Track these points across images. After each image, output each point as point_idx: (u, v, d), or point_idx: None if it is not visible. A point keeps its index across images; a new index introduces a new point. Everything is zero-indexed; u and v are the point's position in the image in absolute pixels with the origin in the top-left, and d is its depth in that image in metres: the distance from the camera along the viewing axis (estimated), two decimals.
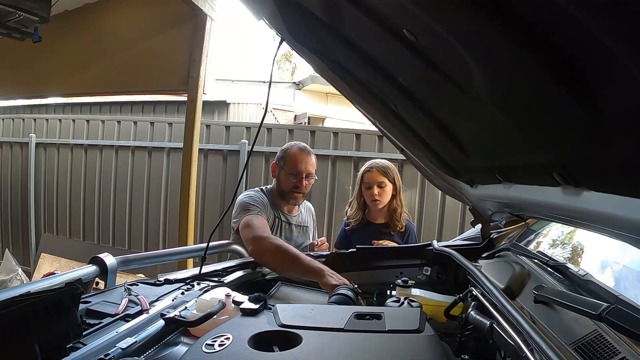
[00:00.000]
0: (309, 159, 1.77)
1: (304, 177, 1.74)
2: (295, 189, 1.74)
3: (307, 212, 1.93)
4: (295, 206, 1.83)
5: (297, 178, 1.73)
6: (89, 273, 1.27)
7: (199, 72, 2.92)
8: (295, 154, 1.76)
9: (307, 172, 1.75)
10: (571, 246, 1.12)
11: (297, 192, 1.75)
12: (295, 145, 1.81)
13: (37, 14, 2.16)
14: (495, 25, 0.52)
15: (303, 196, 1.80)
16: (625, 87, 0.45)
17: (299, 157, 1.76)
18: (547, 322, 0.76)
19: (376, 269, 1.42)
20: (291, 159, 1.75)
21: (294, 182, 1.73)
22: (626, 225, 0.63)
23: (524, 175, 0.88)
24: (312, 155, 1.81)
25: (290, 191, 1.75)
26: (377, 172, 1.89)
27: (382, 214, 1.94)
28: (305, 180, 1.75)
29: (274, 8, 0.99)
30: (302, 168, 1.74)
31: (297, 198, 1.77)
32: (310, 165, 1.77)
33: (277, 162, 1.80)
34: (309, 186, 1.78)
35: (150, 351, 0.83)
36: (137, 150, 4.35)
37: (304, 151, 1.79)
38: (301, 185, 1.73)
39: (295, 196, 1.76)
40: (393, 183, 1.90)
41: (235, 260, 1.48)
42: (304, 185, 1.75)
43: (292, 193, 1.75)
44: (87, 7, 3.21)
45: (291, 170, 1.74)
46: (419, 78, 0.86)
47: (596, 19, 0.39)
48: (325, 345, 0.74)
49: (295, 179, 1.73)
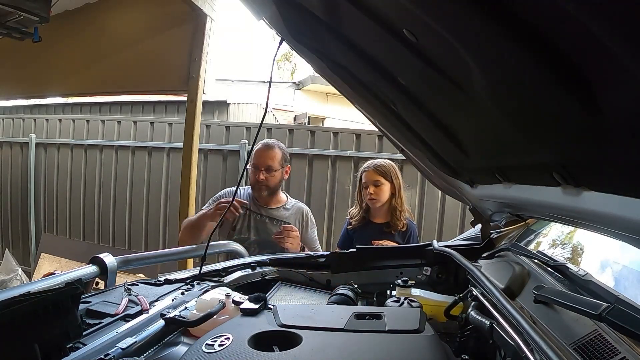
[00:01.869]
0: (268, 153, 1.84)
1: (263, 170, 1.82)
2: (256, 182, 1.84)
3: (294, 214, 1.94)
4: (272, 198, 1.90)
5: (257, 171, 1.82)
6: (89, 273, 1.27)
7: (199, 72, 2.91)
8: (257, 149, 1.86)
9: (264, 165, 1.82)
10: (571, 246, 1.12)
11: (258, 184, 1.84)
12: (262, 142, 1.90)
13: (37, 14, 2.16)
14: (495, 25, 0.52)
15: (266, 188, 1.86)
16: (625, 87, 0.45)
17: (259, 152, 1.85)
18: (547, 322, 0.76)
19: (376, 269, 1.42)
20: (254, 154, 1.85)
21: (255, 176, 1.83)
22: (626, 225, 0.63)
23: (524, 175, 0.88)
24: (276, 149, 1.87)
25: (253, 185, 1.87)
26: (373, 172, 1.90)
27: (383, 214, 1.94)
28: (264, 173, 1.82)
29: (274, 8, 0.99)
30: (260, 162, 1.83)
31: (260, 190, 1.85)
32: (269, 159, 1.83)
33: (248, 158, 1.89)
34: (272, 179, 1.84)
35: (150, 351, 0.83)
36: (137, 150, 4.35)
37: (266, 145, 1.87)
38: (258, 177, 1.81)
39: (258, 188, 1.85)
40: (391, 182, 1.90)
41: (235, 260, 1.48)
42: (262, 178, 1.82)
43: (255, 185, 1.86)
44: (87, 7, 3.21)
45: (253, 165, 1.85)
46: (419, 78, 0.86)
47: (596, 19, 0.39)
48: (325, 345, 0.74)
49: (256, 171, 1.83)
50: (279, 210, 1.91)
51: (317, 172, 3.85)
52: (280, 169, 1.88)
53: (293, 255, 1.50)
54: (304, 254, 1.51)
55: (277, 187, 1.91)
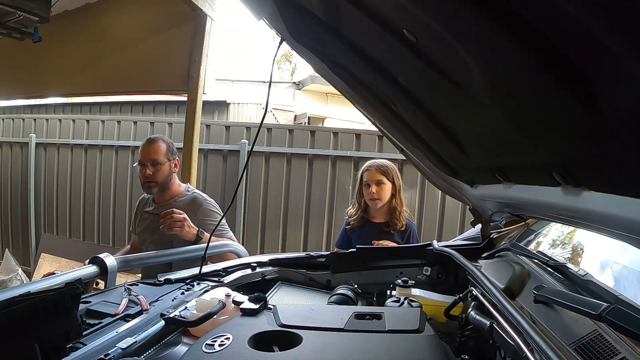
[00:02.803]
0: (152, 147, 1.78)
1: (148, 165, 1.76)
2: (145, 179, 1.78)
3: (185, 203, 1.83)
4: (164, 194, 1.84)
5: (143, 167, 1.76)
6: (89, 273, 1.27)
7: (199, 72, 2.91)
8: (141, 146, 1.81)
9: (149, 159, 1.77)
10: (571, 246, 1.12)
11: (147, 181, 1.78)
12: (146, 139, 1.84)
13: (37, 14, 2.16)
14: (495, 25, 0.52)
15: (156, 184, 1.79)
16: (625, 87, 0.45)
17: (142, 147, 1.79)
18: (547, 322, 0.76)
19: (376, 269, 1.42)
20: (139, 151, 1.80)
21: (142, 172, 1.77)
22: (626, 225, 0.63)
23: (524, 175, 0.88)
24: (160, 142, 1.81)
25: (143, 182, 1.79)
26: (375, 171, 1.90)
27: (382, 213, 1.94)
28: (151, 168, 1.76)
29: (274, 8, 0.99)
30: (144, 157, 1.77)
31: (150, 187, 1.79)
32: (153, 153, 1.77)
33: None
34: (159, 174, 1.78)
35: (150, 351, 0.83)
36: (137, 150, 4.34)
37: (149, 140, 1.81)
38: (145, 173, 1.76)
39: (147, 185, 1.79)
40: (392, 182, 1.90)
41: (235, 260, 1.48)
42: (150, 174, 1.76)
43: (145, 183, 1.79)
44: (87, 7, 3.21)
45: (139, 161, 1.79)
46: (419, 78, 0.86)
47: (596, 19, 0.39)
48: (325, 345, 0.74)
49: (142, 168, 1.77)
50: (170, 204, 1.81)
51: (317, 172, 3.85)
52: (167, 162, 1.81)
53: (293, 255, 1.50)
54: (304, 254, 1.51)
55: (166, 181, 1.82)
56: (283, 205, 3.92)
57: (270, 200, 3.95)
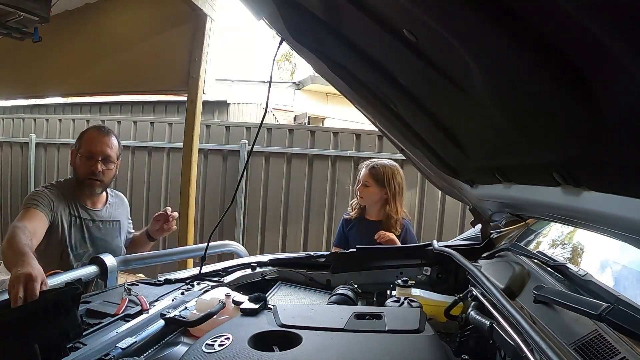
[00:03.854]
0: (107, 140, 1.54)
1: (100, 160, 1.51)
2: (91, 174, 1.51)
3: (118, 205, 1.69)
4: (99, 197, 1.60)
5: (92, 160, 1.50)
6: (89, 273, 1.27)
7: (199, 72, 2.91)
8: (90, 133, 1.55)
9: (103, 153, 1.51)
10: (571, 246, 1.12)
11: (93, 178, 1.51)
12: (93, 127, 1.61)
13: (37, 14, 2.16)
14: (495, 25, 0.52)
15: (101, 184, 1.55)
16: (625, 87, 0.45)
17: (94, 137, 1.53)
18: (547, 322, 0.76)
19: (376, 269, 1.42)
20: (86, 140, 1.53)
21: (89, 166, 1.50)
22: (626, 225, 0.63)
23: (524, 175, 0.88)
24: (113, 137, 1.57)
25: (85, 178, 1.52)
26: (367, 172, 1.90)
27: (375, 212, 1.95)
28: (101, 165, 1.51)
29: (274, 8, 0.99)
30: (97, 149, 1.51)
31: (93, 186, 1.53)
32: (108, 147, 1.53)
33: (74, 147, 1.58)
34: (108, 173, 1.55)
35: (150, 351, 0.83)
36: (137, 150, 4.35)
37: (101, 131, 1.57)
38: (96, 169, 1.50)
39: (90, 183, 1.52)
40: (383, 187, 1.88)
41: (235, 260, 1.48)
42: (100, 170, 1.51)
43: (87, 180, 1.52)
44: (87, 7, 3.20)
45: (85, 152, 1.52)
46: (419, 78, 0.86)
47: (596, 19, 0.39)
48: (325, 345, 0.74)
49: (90, 161, 1.51)
50: (107, 209, 1.63)
51: (317, 172, 3.85)
52: (117, 163, 1.58)
53: (293, 255, 1.50)
54: (304, 254, 1.51)
55: (109, 184, 1.62)
56: (283, 205, 3.92)
57: (270, 200, 3.95)
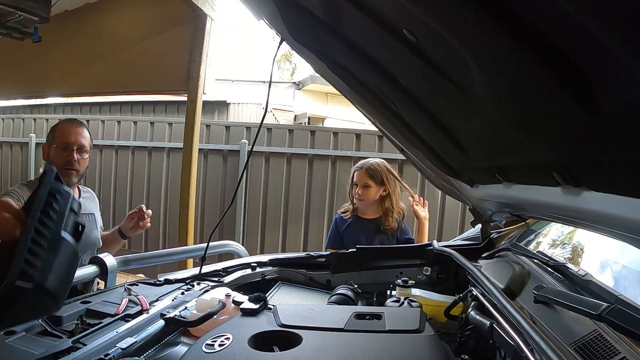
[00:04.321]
0: (80, 131, 1.62)
1: (75, 149, 1.57)
2: (67, 164, 1.56)
3: (90, 199, 1.78)
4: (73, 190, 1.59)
5: (67, 151, 1.56)
6: (89, 273, 1.27)
7: (199, 72, 2.91)
8: (63, 126, 1.62)
9: (78, 144, 1.58)
10: (571, 246, 1.12)
11: (69, 168, 1.56)
12: (65, 120, 1.67)
13: (37, 14, 2.16)
14: (495, 25, 0.51)
15: (77, 174, 1.60)
16: (625, 87, 0.45)
17: (68, 128, 1.60)
18: (547, 322, 0.76)
19: (376, 269, 1.42)
20: (60, 132, 1.60)
21: (65, 157, 1.56)
22: (626, 225, 0.63)
23: (524, 175, 0.88)
24: (85, 129, 1.65)
25: (62, 169, 1.54)
26: (364, 173, 1.90)
27: (372, 210, 1.95)
28: (76, 154, 1.57)
29: (274, 8, 0.99)
30: (72, 139, 1.58)
31: (70, 175, 1.57)
32: (82, 137, 1.60)
33: (46, 141, 1.64)
34: (83, 163, 1.61)
35: (150, 351, 0.83)
36: (137, 150, 4.35)
37: (74, 123, 1.64)
38: (72, 159, 1.56)
39: (67, 173, 1.56)
40: (382, 184, 1.90)
41: (235, 260, 1.48)
42: (76, 160, 1.57)
43: (63, 170, 1.54)
44: (87, 7, 3.20)
45: (60, 144, 1.58)
46: (419, 78, 0.86)
47: (596, 19, 0.39)
48: (325, 345, 0.74)
49: (65, 152, 1.56)
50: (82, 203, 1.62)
51: (317, 172, 3.85)
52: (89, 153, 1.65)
53: (293, 255, 1.50)
54: (304, 254, 1.51)
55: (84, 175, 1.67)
56: (283, 205, 3.92)
57: (270, 200, 3.95)
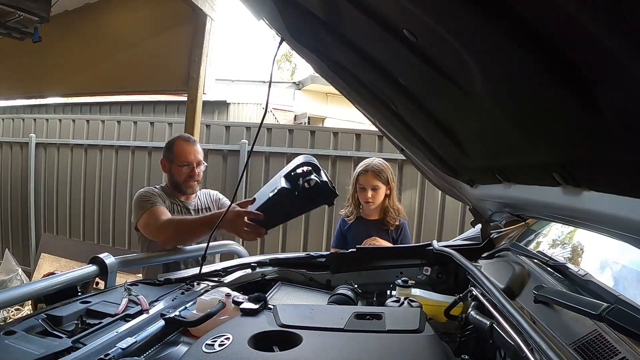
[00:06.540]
0: (196, 148, 1.88)
1: (195, 166, 1.84)
2: (189, 178, 1.84)
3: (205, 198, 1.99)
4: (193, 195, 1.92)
5: (190, 168, 1.83)
6: (89, 273, 1.27)
7: (199, 72, 2.92)
8: (182, 145, 1.86)
9: (197, 160, 1.85)
10: (571, 246, 1.12)
11: (192, 180, 1.85)
12: (179, 138, 1.90)
13: (37, 14, 2.16)
14: (495, 25, 0.51)
15: (198, 184, 1.90)
16: (625, 87, 0.45)
17: (187, 148, 1.85)
18: (547, 322, 0.76)
19: (376, 269, 1.42)
20: (178, 152, 1.84)
21: (188, 173, 1.83)
22: (626, 225, 0.63)
23: (524, 175, 0.88)
24: (197, 144, 1.91)
25: (184, 181, 1.84)
26: (371, 176, 1.91)
27: (375, 211, 1.97)
28: (197, 169, 1.85)
29: (274, 8, 0.99)
30: (192, 158, 1.83)
31: (193, 186, 1.87)
32: (199, 154, 1.87)
33: (165, 158, 1.87)
34: (201, 173, 1.89)
35: (150, 351, 0.83)
36: (137, 150, 4.35)
37: (190, 141, 1.89)
38: (194, 174, 1.84)
39: (191, 185, 1.86)
40: (387, 184, 1.93)
41: (235, 260, 1.48)
42: (197, 174, 1.85)
43: (187, 182, 1.84)
44: (87, 7, 3.21)
45: (182, 162, 1.83)
46: (419, 78, 0.86)
47: (596, 19, 0.39)
48: (325, 345, 0.74)
49: (187, 169, 1.83)
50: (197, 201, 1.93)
51: None
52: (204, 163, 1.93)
53: (293, 255, 1.50)
54: (304, 254, 1.51)
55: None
56: None
57: None
